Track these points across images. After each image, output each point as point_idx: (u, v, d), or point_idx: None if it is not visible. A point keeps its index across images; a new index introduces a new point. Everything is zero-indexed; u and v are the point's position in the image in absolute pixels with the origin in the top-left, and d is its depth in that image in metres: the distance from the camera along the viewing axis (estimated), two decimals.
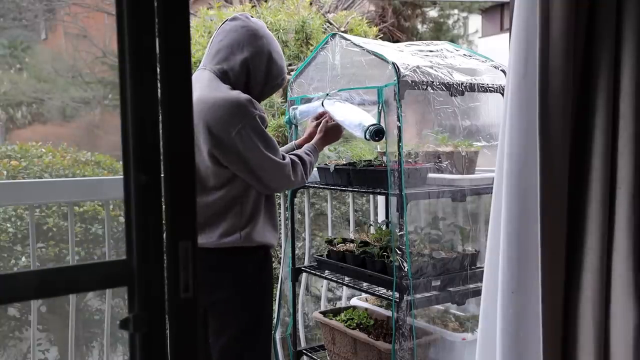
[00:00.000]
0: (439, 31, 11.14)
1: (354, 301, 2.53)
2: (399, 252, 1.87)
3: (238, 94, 1.76)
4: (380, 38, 5.29)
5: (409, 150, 1.97)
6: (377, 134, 1.86)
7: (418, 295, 1.91)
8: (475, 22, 12.86)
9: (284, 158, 1.83)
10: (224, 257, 1.80)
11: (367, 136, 1.86)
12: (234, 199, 1.79)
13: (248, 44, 1.81)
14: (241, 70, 1.81)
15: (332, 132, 2.07)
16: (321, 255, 2.36)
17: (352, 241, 2.33)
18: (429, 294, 1.94)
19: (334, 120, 2.07)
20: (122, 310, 4.39)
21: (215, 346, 1.86)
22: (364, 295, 2.49)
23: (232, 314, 1.84)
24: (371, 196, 2.92)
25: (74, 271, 0.71)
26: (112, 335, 2.36)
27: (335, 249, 2.27)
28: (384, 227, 2.31)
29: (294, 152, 1.94)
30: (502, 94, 2.01)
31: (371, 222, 2.72)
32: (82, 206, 4.42)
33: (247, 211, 1.80)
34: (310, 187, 2.39)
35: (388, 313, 2.28)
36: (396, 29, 9.46)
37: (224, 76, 1.80)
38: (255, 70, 1.83)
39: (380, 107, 1.91)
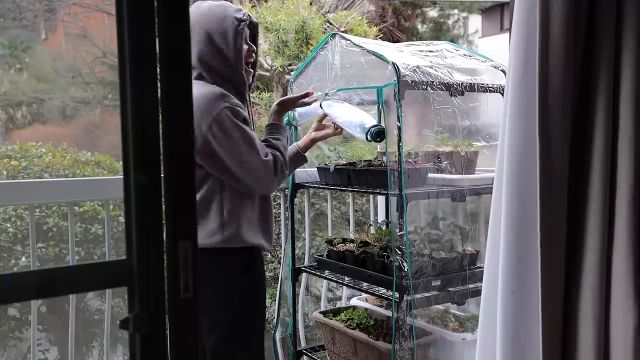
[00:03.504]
0: (439, 31, 11.14)
1: (354, 301, 2.53)
2: (399, 252, 1.87)
3: (211, 88, 1.72)
4: (380, 38, 5.30)
5: (408, 150, 1.97)
6: (378, 134, 1.85)
7: (418, 295, 1.91)
8: (475, 22, 12.86)
9: (266, 155, 1.74)
10: (206, 257, 1.75)
11: (369, 137, 1.85)
12: (210, 200, 1.75)
13: (193, 41, 1.77)
14: (202, 66, 1.77)
15: (287, 101, 1.96)
16: (321, 255, 2.36)
17: (352, 241, 2.33)
18: (428, 294, 1.94)
19: (331, 122, 2.06)
20: (122, 310, 4.39)
21: (205, 347, 1.84)
22: (364, 295, 2.49)
23: (213, 314, 1.80)
24: (371, 196, 2.92)
25: (74, 271, 0.71)
26: (112, 335, 2.36)
27: (335, 249, 2.27)
28: (384, 227, 2.31)
29: (265, 139, 1.84)
30: (502, 94, 2.01)
31: (371, 222, 2.72)
32: (82, 206, 4.43)
33: (226, 212, 1.76)
34: (310, 187, 2.39)
35: (388, 313, 2.28)
36: (396, 29, 9.46)
37: (197, 75, 1.78)
38: (210, 56, 1.76)
39: (380, 107, 1.91)
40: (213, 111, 1.67)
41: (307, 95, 1.99)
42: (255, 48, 1.86)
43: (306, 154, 2.08)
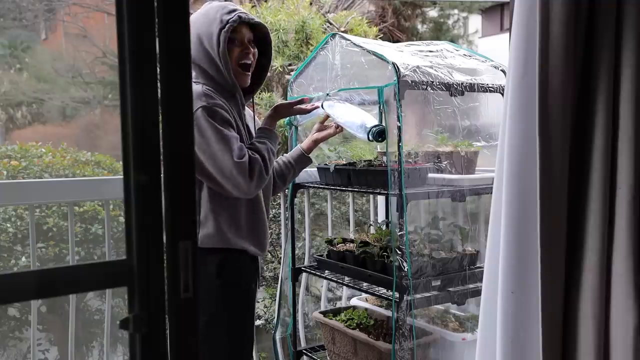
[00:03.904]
0: (439, 31, 11.13)
1: (354, 301, 2.53)
2: (399, 252, 1.87)
3: (193, 88, 1.73)
4: (380, 38, 5.30)
5: (409, 150, 1.97)
6: (380, 134, 1.85)
7: (418, 295, 1.91)
8: (475, 22, 12.85)
9: (242, 157, 1.69)
10: None
11: (370, 137, 1.86)
12: None
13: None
14: (194, 67, 1.80)
15: (282, 107, 1.94)
16: (321, 255, 2.36)
17: (352, 241, 2.33)
18: (428, 294, 1.94)
19: (333, 122, 2.06)
20: (122, 310, 4.39)
21: None
22: (364, 295, 2.49)
23: None
24: (371, 196, 2.92)
25: (74, 271, 0.71)
26: (112, 335, 2.36)
27: (335, 249, 2.27)
28: (384, 227, 2.31)
29: (250, 142, 1.82)
30: (502, 94, 2.01)
31: (371, 222, 2.72)
32: (82, 206, 4.43)
33: (203, 212, 1.76)
34: (310, 187, 2.39)
35: (388, 313, 2.28)
36: (396, 29, 9.45)
37: (193, 78, 1.80)
38: (199, 58, 1.78)
39: (381, 107, 1.91)
40: None
41: (302, 101, 1.98)
42: (251, 50, 1.84)
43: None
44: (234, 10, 1.78)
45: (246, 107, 1.94)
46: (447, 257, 1.99)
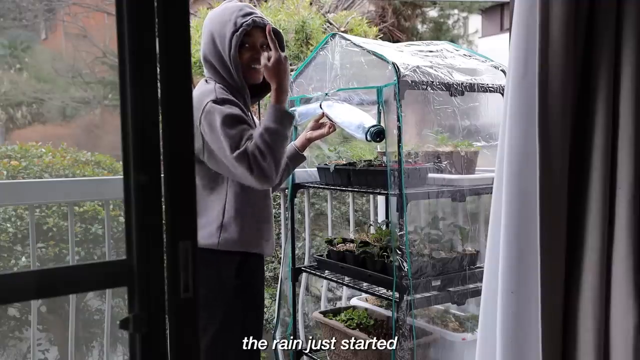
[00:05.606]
0: (439, 31, 11.13)
1: (354, 301, 2.53)
2: (399, 252, 1.87)
3: (205, 86, 1.76)
4: (380, 38, 5.30)
5: (408, 150, 1.97)
6: (377, 134, 1.85)
7: (418, 295, 1.91)
8: (475, 22, 12.85)
9: (239, 146, 1.62)
10: (201, 255, 1.73)
11: (368, 137, 1.85)
12: (211, 201, 1.77)
13: (202, 40, 1.82)
14: (205, 64, 1.82)
15: (276, 68, 1.72)
16: (321, 255, 2.36)
17: (352, 241, 2.33)
18: (428, 294, 1.94)
19: (333, 122, 2.06)
20: (122, 310, 4.39)
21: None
22: (364, 295, 2.49)
23: (203, 314, 1.78)
24: (371, 196, 2.91)
25: (74, 271, 0.71)
26: (112, 335, 2.36)
27: (335, 249, 2.27)
28: (384, 227, 2.31)
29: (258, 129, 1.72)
30: (502, 94, 2.01)
31: (371, 222, 2.72)
32: (82, 206, 4.43)
33: (227, 216, 1.78)
34: (310, 187, 2.39)
35: (388, 313, 2.28)
36: (396, 29, 9.45)
37: (207, 76, 1.84)
38: (212, 57, 1.80)
39: (379, 107, 1.91)
40: (201, 108, 1.70)
41: None
42: (262, 54, 1.79)
43: (306, 153, 2.08)
44: (250, 14, 1.77)
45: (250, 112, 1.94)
46: (447, 257, 1.99)
